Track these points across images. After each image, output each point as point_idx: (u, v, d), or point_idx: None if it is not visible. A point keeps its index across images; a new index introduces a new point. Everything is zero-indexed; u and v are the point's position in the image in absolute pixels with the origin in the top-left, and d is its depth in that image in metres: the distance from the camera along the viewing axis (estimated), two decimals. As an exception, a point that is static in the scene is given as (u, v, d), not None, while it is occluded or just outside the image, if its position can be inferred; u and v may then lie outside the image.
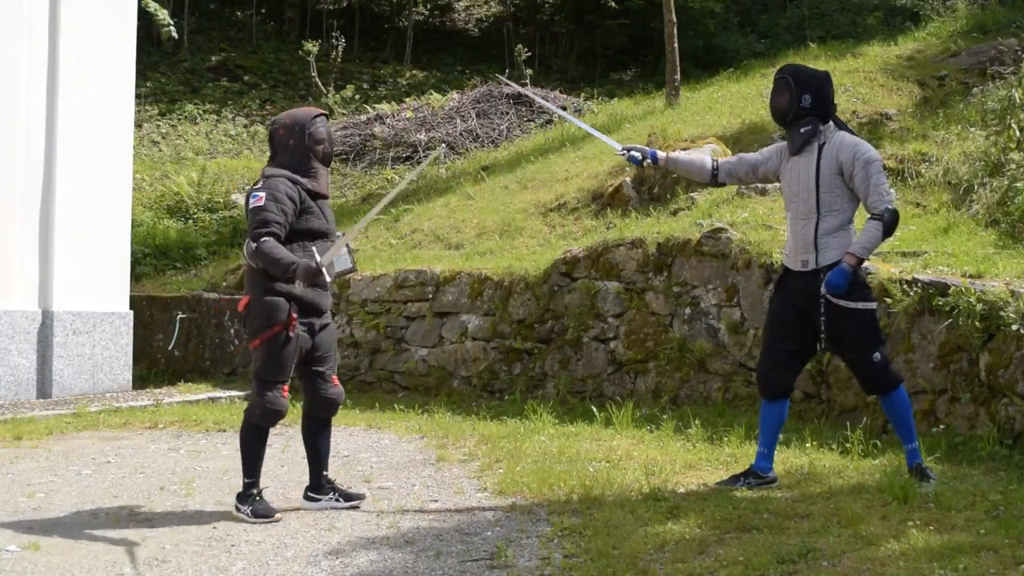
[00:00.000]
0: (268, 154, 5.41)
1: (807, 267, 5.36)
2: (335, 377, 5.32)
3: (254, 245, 4.89)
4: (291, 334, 4.99)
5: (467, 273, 9.32)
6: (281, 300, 5.00)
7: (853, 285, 5.27)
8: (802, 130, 5.39)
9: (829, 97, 5.44)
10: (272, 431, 7.60)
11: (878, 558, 4.09)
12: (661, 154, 5.77)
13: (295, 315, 5.00)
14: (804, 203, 5.38)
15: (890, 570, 3.95)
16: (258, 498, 5.13)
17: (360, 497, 5.37)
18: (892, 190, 5.39)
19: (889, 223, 5.24)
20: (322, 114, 5.29)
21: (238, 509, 5.13)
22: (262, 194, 4.98)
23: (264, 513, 5.07)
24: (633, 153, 5.76)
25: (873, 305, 5.38)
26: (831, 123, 5.44)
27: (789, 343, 5.44)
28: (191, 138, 16.94)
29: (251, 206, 4.97)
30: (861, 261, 5.28)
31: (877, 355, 5.29)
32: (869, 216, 5.28)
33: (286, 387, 5.13)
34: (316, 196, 5.14)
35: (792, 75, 5.45)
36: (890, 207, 5.24)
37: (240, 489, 5.19)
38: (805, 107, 5.37)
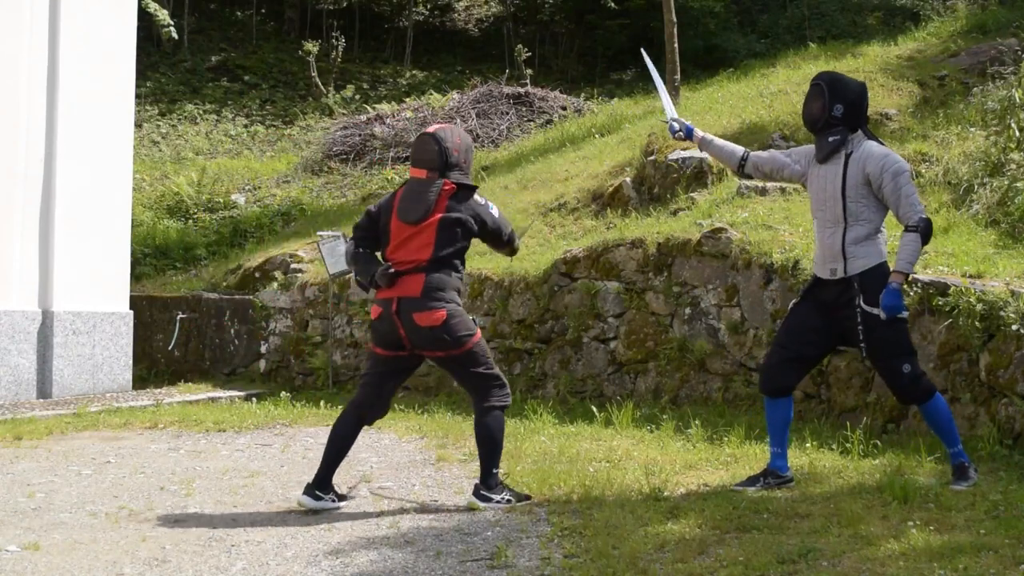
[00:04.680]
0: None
1: (835, 275, 5.34)
2: None
3: (518, 242, 5.63)
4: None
5: (467, 273, 9.31)
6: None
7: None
8: (831, 139, 5.36)
9: (862, 109, 5.42)
10: (272, 431, 7.66)
11: (878, 558, 4.09)
12: (698, 133, 5.82)
13: None
14: (831, 212, 5.36)
15: (890, 570, 3.95)
16: (503, 483, 5.33)
17: (349, 497, 5.41)
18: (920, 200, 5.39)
19: (925, 232, 5.24)
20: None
21: (486, 500, 5.21)
22: (494, 205, 5.48)
23: (520, 497, 5.28)
24: (673, 124, 5.84)
25: (905, 314, 5.34)
26: (859, 132, 5.41)
27: (804, 346, 5.43)
28: (191, 138, 16.94)
29: (497, 214, 5.39)
30: (908, 276, 5.31)
31: (907, 366, 5.24)
32: (904, 228, 5.26)
33: None
34: None
35: (827, 83, 5.42)
36: (923, 216, 5.25)
37: (478, 483, 5.32)
38: (836, 116, 5.34)
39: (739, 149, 5.81)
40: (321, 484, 5.26)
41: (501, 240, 5.43)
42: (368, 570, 4.26)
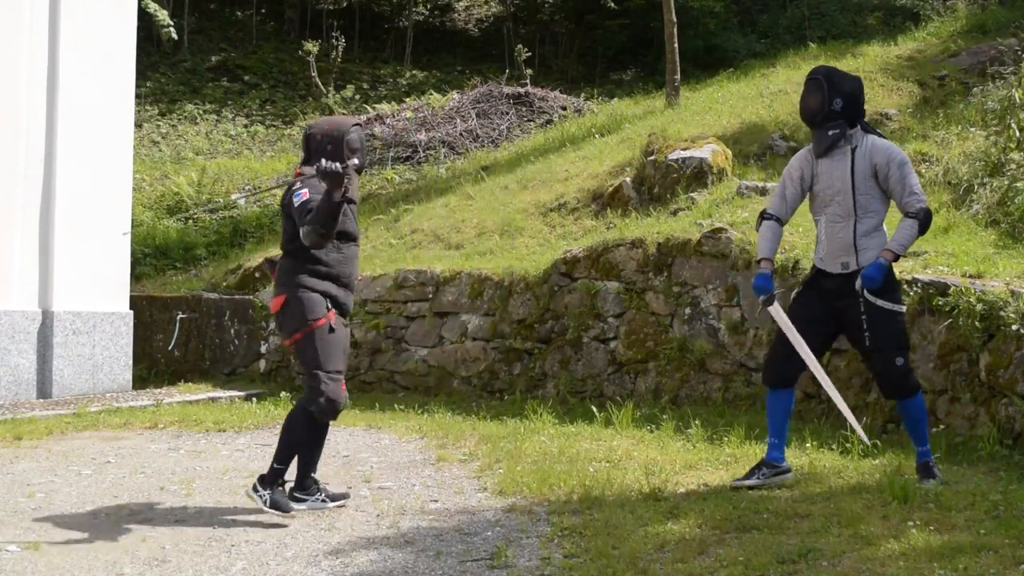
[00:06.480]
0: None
1: (848, 269, 5.40)
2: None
3: (307, 228, 5.04)
4: (333, 325, 5.13)
5: (467, 273, 9.32)
6: (318, 296, 5.15)
7: (888, 285, 5.32)
8: (830, 132, 5.41)
9: (860, 103, 5.47)
10: (272, 431, 7.65)
11: (878, 558, 4.09)
12: (765, 266, 5.54)
13: (332, 309, 5.16)
14: (840, 205, 5.41)
15: (890, 570, 3.95)
16: (281, 488, 5.17)
17: (345, 497, 5.38)
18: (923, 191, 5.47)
19: (924, 221, 5.32)
20: (359, 124, 5.48)
21: (255, 490, 5.12)
22: (305, 190, 5.14)
23: (281, 506, 5.07)
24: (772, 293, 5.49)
25: (903, 308, 5.42)
26: (859, 127, 5.46)
27: (809, 337, 5.45)
28: (191, 138, 16.94)
29: (297, 202, 5.12)
30: (897, 257, 5.36)
31: (900, 359, 5.32)
32: (904, 215, 5.34)
33: (343, 381, 5.16)
34: (348, 201, 5.25)
35: (826, 76, 5.47)
36: (924, 207, 5.33)
37: (264, 473, 5.19)
38: (835, 110, 5.39)
39: (773, 226, 5.60)
40: (300, 486, 5.32)
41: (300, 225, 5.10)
42: (368, 570, 4.27)
